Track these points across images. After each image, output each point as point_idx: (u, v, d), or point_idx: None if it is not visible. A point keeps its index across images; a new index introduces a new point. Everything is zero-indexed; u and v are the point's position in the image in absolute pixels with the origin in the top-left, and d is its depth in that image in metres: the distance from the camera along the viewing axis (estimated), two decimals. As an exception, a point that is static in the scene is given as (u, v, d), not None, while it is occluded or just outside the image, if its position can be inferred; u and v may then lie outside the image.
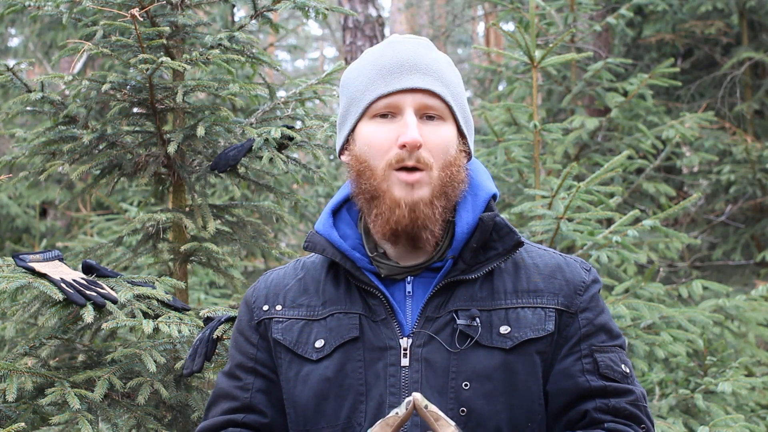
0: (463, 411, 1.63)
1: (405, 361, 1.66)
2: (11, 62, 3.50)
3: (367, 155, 1.69)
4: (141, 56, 2.91)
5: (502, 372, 1.65)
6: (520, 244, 1.73)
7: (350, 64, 1.82)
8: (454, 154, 1.70)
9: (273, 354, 1.77)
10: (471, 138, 1.78)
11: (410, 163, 1.65)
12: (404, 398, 1.63)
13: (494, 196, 1.76)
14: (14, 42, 12.82)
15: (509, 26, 10.18)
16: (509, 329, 1.67)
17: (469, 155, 1.77)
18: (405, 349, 1.66)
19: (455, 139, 1.72)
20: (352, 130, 1.74)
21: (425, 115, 1.69)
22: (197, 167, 3.21)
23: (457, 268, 1.70)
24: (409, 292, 1.71)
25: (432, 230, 1.68)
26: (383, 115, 1.69)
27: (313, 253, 1.81)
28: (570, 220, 3.81)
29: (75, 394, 2.38)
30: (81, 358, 2.71)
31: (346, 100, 1.76)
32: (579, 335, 1.70)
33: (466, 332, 1.66)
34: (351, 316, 1.71)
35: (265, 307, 1.80)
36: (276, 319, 1.78)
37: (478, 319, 1.67)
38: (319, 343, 1.71)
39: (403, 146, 1.65)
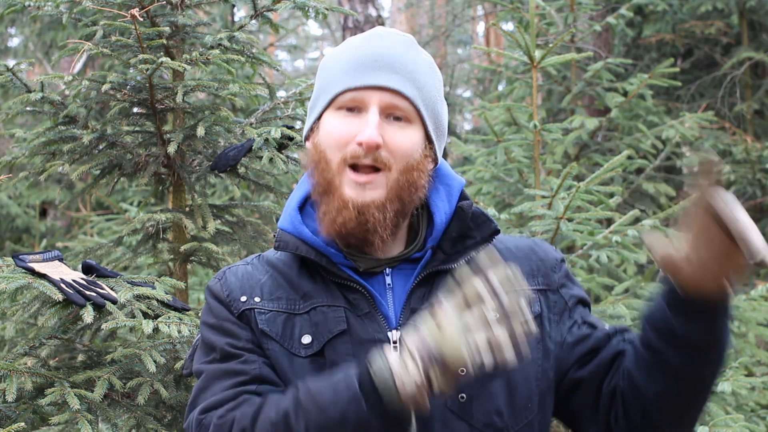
0: (462, 397, 1.61)
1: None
2: (11, 62, 3.50)
3: (325, 146, 1.65)
4: (141, 56, 2.91)
5: None
6: (497, 231, 1.72)
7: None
8: (417, 158, 1.65)
9: (262, 345, 1.67)
10: (441, 144, 1.73)
11: (366, 161, 1.61)
12: None
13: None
14: (14, 42, 12.82)
15: (509, 26, 10.18)
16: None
17: (435, 161, 1.72)
18: (395, 342, 1.63)
19: (420, 143, 1.67)
20: (318, 118, 1.70)
21: (392, 115, 1.64)
22: (197, 167, 3.21)
23: (437, 258, 1.67)
24: (389, 285, 1.68)
25: (382, 236, 1.63)
26: (350, 109, 1.65)
27: (275, 250, 1.73)
28: (570, 220, 3.81)
29: (75, 394, 2.38)
30: (81, 358, 2.71)
31: (318, 86, 1.72)
32: (569, 307, 1.73)
33: None
34: (336, 309, 1.65)
35: (243, 298, 1.69)
36: (258, 309, 1.67)
37: None
38: (306, 339, 1.65)
39: (361, 144, 1.61)
